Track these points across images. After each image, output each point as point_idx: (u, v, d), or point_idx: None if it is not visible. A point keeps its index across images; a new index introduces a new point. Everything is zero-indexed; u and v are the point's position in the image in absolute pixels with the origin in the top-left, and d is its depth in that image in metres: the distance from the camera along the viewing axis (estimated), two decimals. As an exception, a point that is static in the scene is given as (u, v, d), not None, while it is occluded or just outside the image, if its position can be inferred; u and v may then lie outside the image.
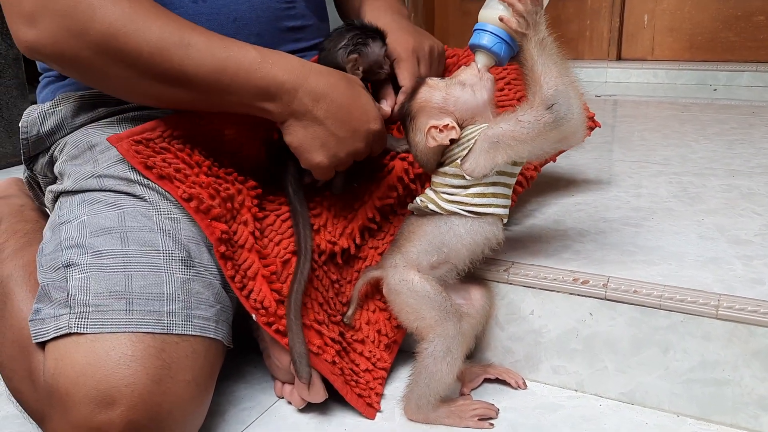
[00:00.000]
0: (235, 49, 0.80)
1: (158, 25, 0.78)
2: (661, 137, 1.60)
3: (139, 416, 0.70)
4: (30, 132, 0.91)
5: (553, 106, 0.75)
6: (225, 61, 0.79)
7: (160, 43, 0.77)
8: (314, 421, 0.84)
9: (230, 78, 0.80)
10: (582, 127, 0.77)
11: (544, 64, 0.76)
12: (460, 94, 0.81)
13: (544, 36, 0.77)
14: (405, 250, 0.83)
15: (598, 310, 0.84)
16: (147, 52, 0.77)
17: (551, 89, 0.75)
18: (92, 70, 0.81)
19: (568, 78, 0.76)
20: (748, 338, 0.77)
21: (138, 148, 0.84)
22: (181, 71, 0.79)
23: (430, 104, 0.81)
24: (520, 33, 0.78)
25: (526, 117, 0.76)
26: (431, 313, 0.81)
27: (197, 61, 0.78)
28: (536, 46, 0.77)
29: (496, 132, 0.78)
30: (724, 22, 2.33)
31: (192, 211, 0.81)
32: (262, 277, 0.83)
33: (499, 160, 0.78)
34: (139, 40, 0.77)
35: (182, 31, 0.79)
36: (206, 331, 0.78)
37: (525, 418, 0.83)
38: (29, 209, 1.03)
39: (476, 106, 0.81)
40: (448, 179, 0.81)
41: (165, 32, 0.78)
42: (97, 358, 0.70)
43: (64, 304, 0.74)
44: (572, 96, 0.75)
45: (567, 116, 0.75)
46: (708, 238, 0.96)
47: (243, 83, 0.80)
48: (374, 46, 0.93)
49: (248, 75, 0.80)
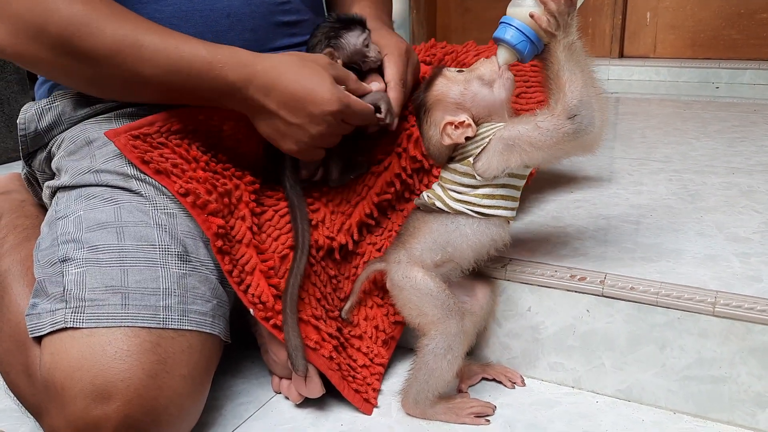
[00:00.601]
0: (186, 50, 0.81)
1: (112, 27, 0.79)
2: (662, 134, 1.60)
3: (135, 411, 0.70)
4: (28, 129, 0.92)
5: (576, 117, 0.73)
6: (177, 63, 0.81)
7: (114, 46, 0.79)
8: (311, 416, 0.84)
9: (184, 80, 0.82)
10: (600, 139, 0.75)
11: (571, 70, 0.74)
12: (478, 90, 0.78)
13: (574, 40, 0.74)
14: (409, 246, 0.82)
15: (595, 307, 0.84)
16: (102, 54, 0.79)
17: (575, 99, 0.73)
18: (55, 69, 0.84)
19: (594, 89, 0.74)
20: (745, 335, 0.77)
21: (135, 143, 0.84)
22: (136, 72, 0.81)
23: (447, 98, 0.79)
24: (549, 33, 0.75)
25: (546, 124, 0.74)
26: (433, 310, 0.80)
27: (151, 62, 0.81)
28: (564, 50, 0.74)
29: (512, 134, 0.76)
30: (727, 19, 2.32)
31: (189, 206, 0.82)
32: (260, 272, 0.83)
33: (512, 163, 0.76)
34: (95, 42, 0.79)
35: (136, 33, 0.80)
36: (202, 326, 0.78)
37: (521, 414, 0.83)
38: (29, 205, 1.04)
39: (493, 104, 0.79)
40: (458, 177, 0.80)
41: (118, 34, 0.79)
42: (93, 352, 0.71)
43: (60, 299, 0.74)
44: (596, 108, 0.73)
45: (588, 128, 0.73)
46: (706, 236, 0.96)
47: (196, 84, 0.82)
48: (350, 36, 0.92)
49: (200, 76, 0.82)
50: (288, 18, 0.98)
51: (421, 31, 2.73)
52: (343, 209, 0.95)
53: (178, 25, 0.89)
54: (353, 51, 0.93)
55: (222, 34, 0.92)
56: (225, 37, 0.92)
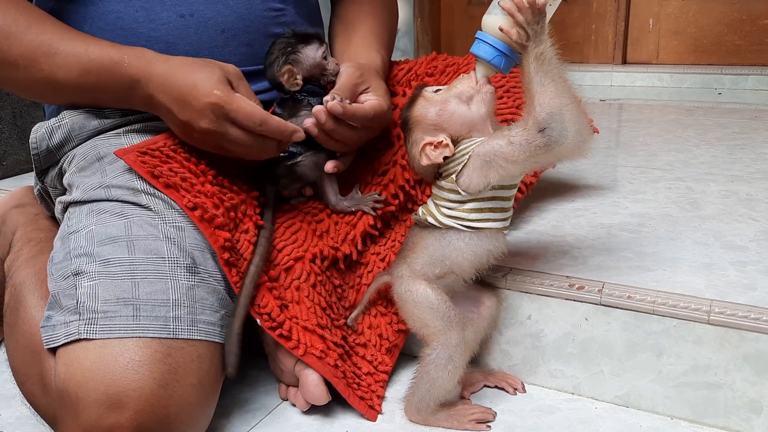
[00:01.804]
0: (95, 51, 0.87)
1: (30, 37, 0.87)
2: (663, 142, 1.62)
3: (147, 419, 0.72)
4: (40, 147, 0.94)
5: (545, 129, 0.73)
6: (88, 64, 0.87)
7: (31, 54, 0.87)
8: (317, 422, 0.86)
9: (94, 80, 0.88)
10: (578, 148, 0.75)
11: (540, 82, 0.74)
12: (455, 109, 0.80)
13: (545, 49, 0.74)
14: (410, 261, 0.84)
15: (593, 315, 0.86)
16: (22, 64, 0.87)
17: (544, 111, 0.73)
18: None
19: (566, 98, 0.74)
20: (740, 343, 0.79)
21: (144, 159, 0.87)
22: (53, 78, 0.88)
23: (425, 119, 0.81)
24: (520, 44, 0.75)
25: (518, 138, 0.74)
26: (435, 322, 0.82)
27: (65, 68, 0.87)
28: (534, 61, 0.74)
29: (487, 150, 0.77)
30: (729, 25, 2.34)
31: (196, 219, 0.84)
32: (263, 285, 0.86)
33: (492, 178, 0.77)
34: (15, 53, 0.87)
35: (51, 41, 0.87)
36: (211, 336, 0.80)
37: (522, 420, 0.85)
38: (43, 218, 1.06)
39: (472, 120, 0.80)
40: (445, 193, 0.82)
41: (34, 43, 0.87)
42: (106, 363, 0.73)
43: (73, 311, 0.77)
44: (567, 119, 0.73)
45: (559, 140, 0.73)
46: (703, 244, 0.98)
47: (106, 84, 0.88)
48: (308, 50, 0.92)
49: (109, 75, 0.87)
50: (283, 30, 0.98)
51: (426, 38, 2.75)
52: (348, 220, 0.97)
53: (174, 43, 0.92)
54: (312, 65, 0.93)
55: (218, 50, 0.94)
56: (221, 52, 0.95)
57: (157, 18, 0.93)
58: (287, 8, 1.01)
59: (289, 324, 0.85)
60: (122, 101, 0.90)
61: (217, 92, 0.82)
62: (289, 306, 0.88)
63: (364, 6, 1.10)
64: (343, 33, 1.07)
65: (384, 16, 1.11)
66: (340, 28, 1.10)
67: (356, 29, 1.07)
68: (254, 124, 0.83)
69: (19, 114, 1.62)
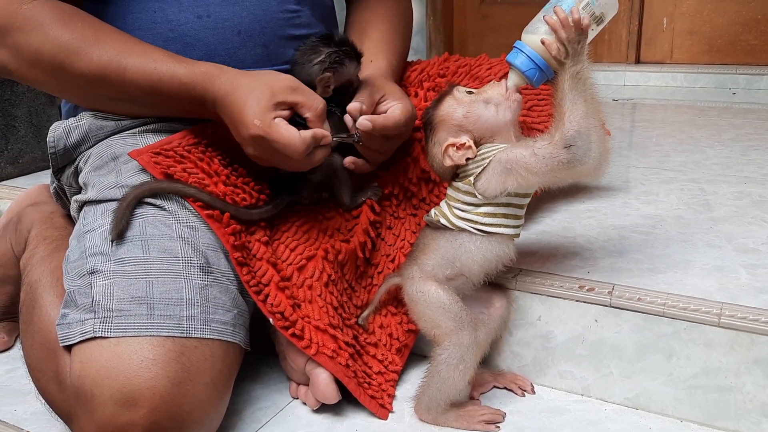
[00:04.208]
0: (163, 69, 0.87)
1: (98, 53, 0.87)
2: (676, 143, 1.61)
3: (161, 417, 0.73)
4: (57, 146, 0.96)
5: (571, 147, 0.74)
6: (157, 84, 0.88)
7: (100, 71, 0.87)
8: (327, 421, 0.87)
9: (165, 98, 0.89)
10: (598, 170, 0.77)
11: (573, 100, 0.75)
12: (482, 113, 0.80)
13: (582, 69, 0.75)
14: (421, 262, 0.85)
15: (603, 317, 0.87)
16: (90, 78, 0.87)
17: (573, 129, 0.74)
18: (53, 89, 0.96)
19: (594, 119, 0.75)
20: (750, 346, 0.79)
21: (158, 159, 0.88)
22: (122, 92, 0.89)
23: (450, 119, 0.81)
24: (558, 61, 0.76)
25: (543, 151, 0.76)
26: (447, 322, 0.83)
27: (134, 84, 0.88)
28: (570, 79, 0.75)
29: (510, 158, 0.78)
30: (744, 25, 2.32)
31: (209, 219, 0.85)
32: (276, 285, 0.86)
33: (510, 186, 0.78)
34: (83, 67, 0.87)
35: (119, 57, 0.87)
36: (224, 335, 0.81)
37: (531, 421, 0.86)
38: (58, 216, 1.08)
39: (497, 126, 0.81)
40: (461, 195, 0.82)
41: (104, 59, 0.87)
42: (120, 361, 0.74)
43: (89, 309, 0.78)
44: (593, 140, 0.75)
45: (583, 159, 0.75)
46: (715, 246, 0.98)
47: (176, 97, 0.88)
48: (350, 66, 0.93)
49: (178, 95, 0.88)
50: (299, 32, 1.00)
51: (438, 37, 2.74)
52: (354, 213, 0.98)
53: (191, 44, 0.93)
54: (346, 80, 0.94)
55: (234, 51, 0.95)
56: (237, 53, 0.95)
57: (175, 19, 0.94)
58: (303, 10, 1.02)
59: (301, 323, 0.86)
60: (193, 116, 0.93)
61: (257, 122, 0.82)
62: (302, 305, 0.89)
63: (377, 12, 1.11)
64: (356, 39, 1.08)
65: (397, 20, 1.11)
66: (354, 34, 1.10)
67: (368, 35, 1.07)
68: (295, 152, 0.83)
69: (35, 112, 1.64)
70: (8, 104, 1.58)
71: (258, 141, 0.84)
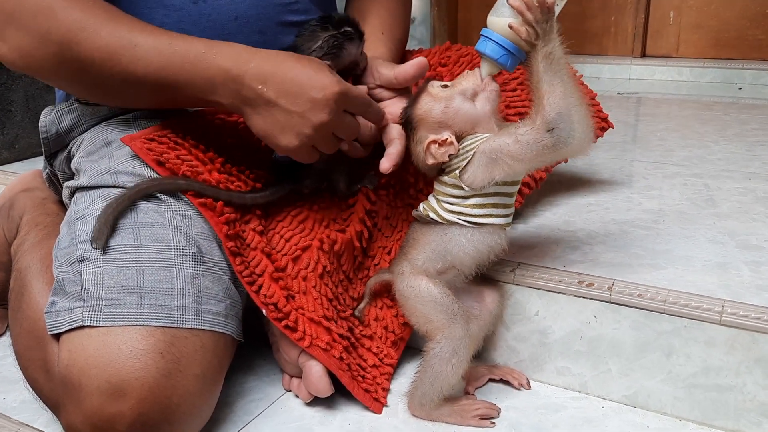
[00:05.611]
0: (180, 44, 0.82)
1: (108, 30, 0.81)
2: (680, 137, 1.59)
3: (149, 408, 0.72)
4: (49, 131, 0.94)
5: (554, 129, 0.73)
6: (171, 56, 0.81)
7: (109, 48, 0.81)
8: (319, 414, 0.86)
9: (176, 72, 0.82)
10: (584, 147, 0.76)
11: (550, 81, 0.74)
12: (460, 106, 0.79)
13: (553, 48, 0.74)
14: (411, 257, 0.84)
15: (602, 313, 0.85)
16: (98, 57, 0.81)
17: (553, 111, 0.73)
18: (59, 77, 0.87)
19: (574, 98, 0.74)
20: (751, 345, 0.77)
21: (151, 146, 0.86)
22: (131, 72, 0.82)
23: (429, 116, 0.80)
24: (529, 42, 0.75)
25: (526, 137, 0.75)
26: (439, 316, 0.82)
27: (145, 60, 0.81)
28: (543, 60, 0.74)
29: (494, 147, 0.77)
30: (752, 19, 2.29)
31: (202, 207, 0.83)
32: (270, 275, 0.85)
33: (496, 175, 0.77)
34: (92, 45, 0.81)
35: (131, 34, 0.81)
36: (215, 326, 0.80)
37: (526, 417, 0.84)
38: (50, 202, 1.06)
39: (477, 117, 0.79)
40: (448, 189, 0.81)
41: (114, 36, 0.81)
42: (109, 350, 0.73)
43: (78, 298, 0.76)
44: (575, 120, 0.73)
45: (567, 140, 0.73)
46: (717, 243, 0.96)
47: (189, 76, 0.82)
48: (351, 47, 0.90)
49: (194, 67, 0.81)
50: (297, 18, 0.98)
51: (442, 27, 2.72)
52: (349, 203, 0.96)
53: (186, 30, 0.90)
54: (350, 62, 0.91)
55: (230, 37, 0.93)
56: (233, 39, 0.92)
57: (171, 3, 0.92)
58: None
59: (295, 315, 0.85)
60: (204, 96, 0.84)
61: (338, 82, 0.80)
62: (296, 297, 0.87)
63: None
64: None
65: (396, 7, 1.09)
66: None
67: (367, 22, 1.05)
68: (365, 106, 0.84)
69: (32, 97, 1.63)
70: (4, 89, 1.57)
71: (339, 100, 0.80)
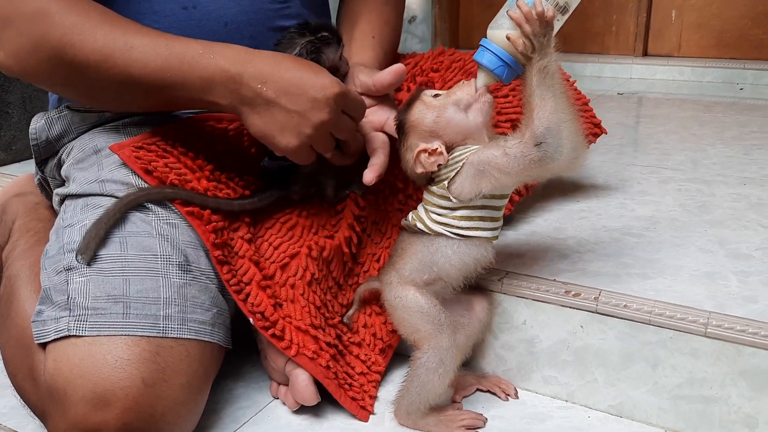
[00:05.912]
0: (177, 45, 0.82)
1: (103, 32, 0.81)
2: (678, 140, 1.58)
3: (133, 418, 0.73)
4: (39, 138, 0.95)
5: (542, 144, 0.73)
6: (167, 57, 0.81)
7: (105, 50, 0.81)
8: (306, 422, 0.86)
9: (173, 73, 0.82)
10: (572, 165, 0.76)
11: (542, 96, 0.73)
12: (452, 116, 0.79)
13: (549, 63, 0.74)
14: (398, 267, 0.84)
15: (589, 323, 0.85)
16: (94, 60, 0.81)
17: (542, 126, 0.73)
18: (55, 81, 0.87)
19: (565, 114, 0.74)
20: (736, 357, 0.77)
21: (139, 154, 0.86)
22: (127, 74, 0.82)
23: (421, 125, 0.80)
24: (525, 56, 0.75)
25: (513, 150, 0.74)
26: (426, 326, 0.82)
27: (141, 62, 0.81)
28: (537, 73, 0.74)
29: (482, 159, 0.76)
30: (754, 19, 2.28)
31: (189, 216, 0.84)
32: (257, 284, 0.85)
33: (484, 188, 0.77)
34: (86, 49, 0.80)
35: (126, 36, 0.81)
36: (201, 335, 0.80)
37: (512, 427, 0.84)
38: (43, 207, 1.07)
39: (468, 129, 0.79)
40: (436, 199, 0.81)
41: (109, 39, 0.81)
42: (94, 360, 0.73)
43: (64, 307, 0.77)
44: (564, 136, 0.73)
45: (554, 156, 0.73)
46: (707, 251, 0.96)
47: (187, 76, 0.82)
48: (329, 52, 0.90)
49: (191, 67, 0.81)
50: (288, 23, 0.97)
51: (444, 26, 2.71)
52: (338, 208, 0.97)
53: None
54: (329, 66, 0.90)
55: None
56: None
57: (161, 10, 0.92)
58: (292, 0, 1.00)
59: (282, 323, 0.85)
60: (202, 96, 0.83)
61: (338, 82, 0.82)
62: (284, 305, 0.87)
63: (367, 2, 1.08)
64: (347, 30, 1.06)
65: (387, 10, 1.09)
66: (344, 24, 1.08)
67: (357, 26, 1.05)
68: (362, 108, 0.86)
69: (29, 99, 1.63)
70: (1, 90, 1.58)
71: (339, 100, 0.81)
